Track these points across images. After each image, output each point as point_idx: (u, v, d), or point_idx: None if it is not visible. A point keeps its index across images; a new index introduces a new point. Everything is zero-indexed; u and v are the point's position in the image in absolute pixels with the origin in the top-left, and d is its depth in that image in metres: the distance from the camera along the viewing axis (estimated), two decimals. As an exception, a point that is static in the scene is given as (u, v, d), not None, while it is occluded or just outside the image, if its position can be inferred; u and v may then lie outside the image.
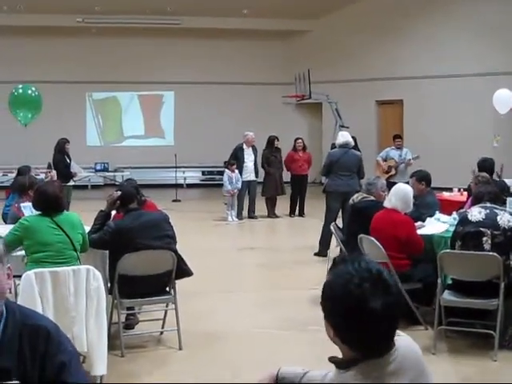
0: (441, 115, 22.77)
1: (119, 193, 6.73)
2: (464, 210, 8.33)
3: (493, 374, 6.11)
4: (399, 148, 15.20)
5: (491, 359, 6.32)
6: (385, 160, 15.04)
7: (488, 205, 6.68)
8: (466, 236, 6.56)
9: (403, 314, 2.26)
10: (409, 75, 23.35)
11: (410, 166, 14.44)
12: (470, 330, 6.76)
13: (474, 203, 6.92)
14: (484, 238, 6.44)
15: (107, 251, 6.57)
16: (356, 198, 8.52)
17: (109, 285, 6.48)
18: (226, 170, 15.96)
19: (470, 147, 19.89)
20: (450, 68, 22.56)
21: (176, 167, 21.47)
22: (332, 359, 2.40)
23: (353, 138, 18.08)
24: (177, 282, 6.76)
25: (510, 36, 21.70)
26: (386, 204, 7.43)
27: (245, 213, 16.27)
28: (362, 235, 7.27)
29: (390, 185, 8.83)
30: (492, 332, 6.39)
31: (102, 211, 6.77)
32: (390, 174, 14.66)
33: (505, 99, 15.06)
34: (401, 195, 7.35)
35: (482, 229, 6.47)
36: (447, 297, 6.61)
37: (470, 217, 6.59)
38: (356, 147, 17.83)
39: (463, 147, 21.14)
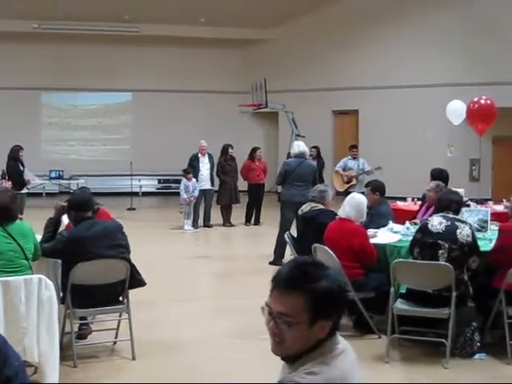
0: (396, 125, 23.01)
1: (67, 199, 6.73)
2: (418, 219, 8.44)
3: (444, 382, 6.17)
4: (355, 158, 15.30)
5: (443, 367, 6.40)
6: (344, 170, 15.13)
7: (450, 215, 6.72)
8: (424, 245, 6.62)
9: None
10: (365, 85, 23.56)
11: (369, 175, 14.53)
12: (423, 338, 6.83)
13: (438, 209, 6.95)
14: (441, 251, 6.51)
15: (60, 260, 6.50)
16: (305, 207, 8.57)
17: (61, 294, 6.40)
18: (183, 178, 15.92)
19: (425, 157, 20.14)
20: (406, 78, 22.82)
21: (132, 175, 21.35)
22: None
23: (316, 147, 18.34)
24: (131, 291, 6.72)
25: (464, 47, 22.04)
26: (340, 213, 7.48)
27: (200, 221, 16.23)
28: (315, 245, 7.30)
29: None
30: (444, 340, 6.47)
31: (51, 218, 6.73)
32: (350, 184, 14.76)
33: (458, 110, 15.25)
34: (354, 205, 7.40)
35: (440, 241, 6.52)
36: (400, 306, 6.67)
37: (430, 226, 6.63)
38: (319, 157, 18.00)
39: (418, 157, 21.37)
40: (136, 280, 6.69)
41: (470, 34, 21.97)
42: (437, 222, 6.64)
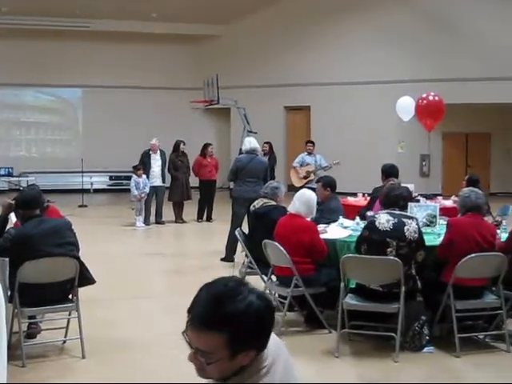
0: (347, 121, 23.17)
1: (15, 196, 6.64)
2: (367, 212, 8.47)
3: (394, 375, 6.23)
4: (310, 153, 15.34)
5: (393, 360, 6.45)
6: (301, 166, 15.18)
7: (397, 212, 6.75)
8: (372, 243, 6.66)
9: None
10: (316, 81, 23.67)
11: (327, 171, 14.60)
12: (373, 332, 6.89)
13: (384, 205, 6.98)
14: (389, 249, 6.56)
15: (7, 259, 6.40)
16: (257, 203, 8.58)
17: (9, 293, 6.31)
18: (133, 175, 15.83)
19: (376, 153, 20.32)
20: (357, 75, 22.99)
21: (82, 172, 21.11)
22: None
23: (268, 143, 18.36)
24: (81, 289, 6.65)
25: (414, 44, 22.26)
26: (290, 209, 7.49)
27: (152, 218, 16.15)
28: (266, 240, 7.31)
29: (313, 190, 8.88)
30: (393, 334, 6.54)
31: (-1, 216, 6.64)
32: (308, 179, 14.82)
33: (407, 107, 15.38)
34: (304, 200, 7.41)
35: (388, 239, 6.56)
36: (350, 301, 6.71)
37: (377, 224, 6.65)
38: (271, 152, 18.02)
39: (369, 153, 21.56)
40: (85, 278, 6.62)
41: (421, 30, 22.22)
42: (384, 220, 6.66)
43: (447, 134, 23.54)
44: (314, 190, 8.90)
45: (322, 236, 7.42)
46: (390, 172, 10.46)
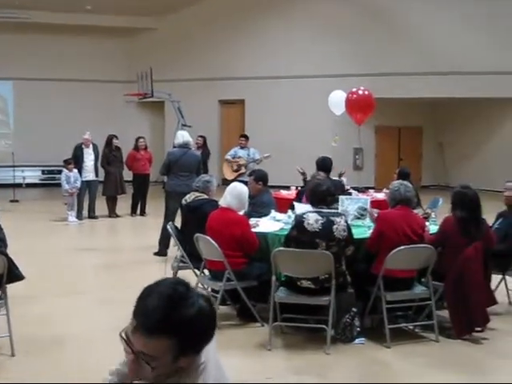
0: (282, 115, 23.28)
1: None
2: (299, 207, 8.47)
3: (325, 367, 6.27)
4: (243, 147, 15.35)
5: (324, 352, 6.50)
6: (234, 159, 15.16)
7: (325, 210, 6.72)
8: (301, 244, 6.62)
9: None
10: (250, 75, 23.71)
11: (259, 164, 14.63)
12: (304, 325, 6.93)
13: (312, 203, 6.97)
14: (319, 250, 6.57)
15: None
16: (189, 197, 8.54)
17: None
18: (64, 169, 15.62)
19: (311, 147, 20.44)
20: (290, 69, 23.12)
21: (14, 166, 20.75)
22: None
23: (202, 136, 18.29)
24: (13, 286, 6.52)
25: (347, 38, 22.47)
26: (222, 203, 7.48)
27: (85, 213, 15.96)
28: (197, 234, 7.28)
29: (245, 183, 8.87)
30: (325, 326, 6.59)
31: None
32: (239, 172, 14.81)
33: (339, 101, 15.48)
34: (236, 194, 7.41)
35: (317, 240, 6.56)
36: (281, 294, 6.74)
37: (306, 225, 6.59)
38: (205, 146, 17.97)
39: (304, 147, 21.69)
40: (14, 274, 6.48)
41: (354, 25, 22.46)
42: (313, 220, 6.60)
43: (380, 127, 23.86)
44: (246, 183, 8.92)
45: (254, 229, 7.43)
46: (322, 165, 10.57)
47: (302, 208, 7.80)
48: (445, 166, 24.83)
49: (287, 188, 12.46)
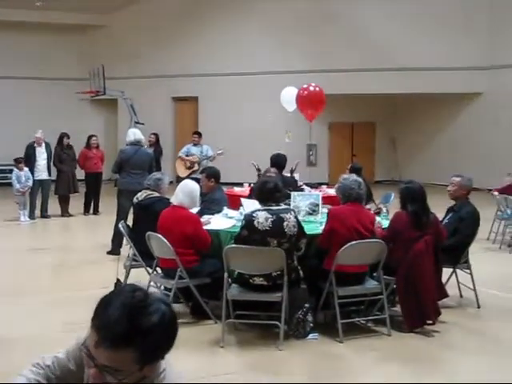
0: (235, 112, 23.29)
1: None
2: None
3: (279, 363, 6.28)
4: (196, 144, 15.31)
5: (277, 349, 6.51)
6: (186, 156, 15.12)
7: (274, 208, 6.68)
8: (252, 243, 6.59)
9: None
10: (204, 72, 23.67)
11: (213, 161, 14.62)
12: (257, 321, 6.94)
13: (260, 201, 6.94)
14: (270, 247, 6.58)
15: None
16: (140, 195, 8.49)
17: None
18: (15, 168, 15.44)
19: (264, 143, 20.48)
20: (244, 65, 23.14)
21: (-37, 166, 20.44)
22: None
23: (155, 134, 18.21)
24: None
25: (299, 35, 22.56)
26: (173, 201, 7.45)
27: (38, 212, 15.79)
28: (149, 233, 7.24)
29: (197, 180, 8.84)
30: (277, 323, 6.60)
31: None
32: (192, 169, 14.77)
33: (291, 97, 15.50)
34: (187, 192, 7.38)
35: (268, 238, 6.55)
36: (234, 291, 6.74)
37: (256, 224, 6.56)
38: (158, 144, 17.90)
39: (257, 143, 21.74)
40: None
41: (306, 22, 22.56)
42: (263, 219, 6.56)
43: (333, 123, 24.01)
44: (199, 180, 8.90)
45: (206, 227, 7.42)
46: (276, 161, 10.64)
47: (249, 204, 7.80)
48: (397, 161, 25.08)
49: (240, 185, 12.46)
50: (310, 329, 6.84)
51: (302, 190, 10.51)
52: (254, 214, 6.66)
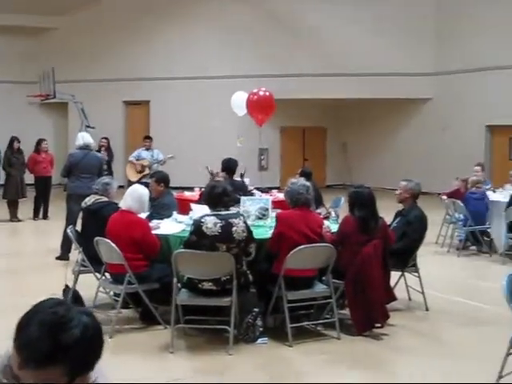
0: (187, 116, 23.26)
1: None
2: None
3: (228, 368, 6.28)
4: (148, 149, 15.25)
5: (227, 353, 6.50)
6: (137, 160, 15.05)
7: (223, 213, 6.68)
8: (201, 249, 6.58)
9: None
10: (155, 76, 23.59)
11: (163, 165, 14.57)
12: (207, 326, 6.93)
13: (209, 205, 6.93)
14: (219, 252, 6.57)
15: None
16: (89, 200, 8.42)
17: None
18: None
19: (217, 147, 20.45)
20: (195, 70, 23.11)
21: None
22: None
23: (106, 138, 18.07)
24: None
25: (253, 41, 22.63)
26: (122, 205, 7.41)
27: (-14, 217, 15.61)
28: (97, 238, 7.18)
29: (146, 185, 8.80)
30: (227, 327, 6.59)
31: None
32: (143, 173, 14.70)
33: (241, 102, 15.50)
34: (136, 196, 7.34)
35: (217, 244, 6.54)
36: (183, 296, 6.72)
37: (204, 229, 6.54)
38: (109, 148, 17.77)
39: (208, 147, 21.72)
40: None
41: (260, 27, 22.63)
42: (211, 224, 6.55)
43: (285, 128, 24.11)
44: (148, 185, 8.87)
45: (155, 232, 7.39)
46: (226, 166, 10.66)
47: (198, 209, 7.79)
48: (348, 166, 25.26)
49: (191, 189, 12.42)
50: (259, 333, 6.84)
51: (253, 194, 10.54)
52: (202, 219, 6.65)
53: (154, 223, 7.71)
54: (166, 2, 23.60)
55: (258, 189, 11.77)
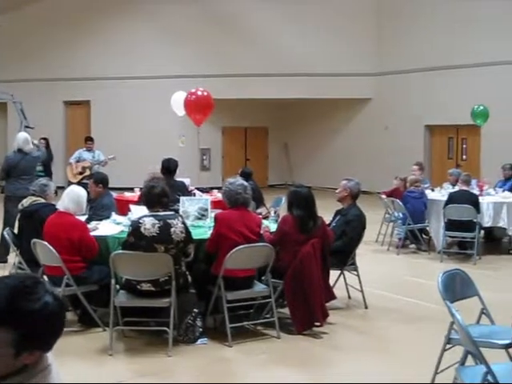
0: (127, 116, 23.11)
1: None
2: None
3: (168, 369, 6.26)
4: (90, 150, 15.09)
5: (167, 355, 6.48)
6: (78, 161, 14.87)
7: (161, 213, 6.64)
8: (140, 250, 6.54)
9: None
10: (96, 76, 23.38)
11: (105, 166, 14.43)
12: (146, 328, 6.91)
13: (147, 206, 6.87)
14: (157, 253, 6.54)
15: None
16: (26, 202, 8.31)
17: None
18: None
19: (157, 148, 20.37)
20: (136, 70, 23.00)
21: None
22: None
23: (45, 139, 17.84)
24: None
25: (195, 41, 22.60)
26: (59, 206, 7.32)
27: None
28: (34, 240, 7.09)
29: (84, 186, 8.72)
30: (166, 328, 6.57)
31: None
32: (84, 175, 14.54)
33: (180, 102, 15.41)
34: (73, 197, 7.26)
35: (155, 245, 6.51)
36: (121, 298, 6.68)
37: (142, 230, 6.51)
38: (48, 148, 17.54)
39: (150, 148, 21.60)
40: None
41: (203, 27, 22.62)
42: (149, 225, 6.52)
43: (226, 128, 24.13)
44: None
45: (93, 233, 7.32)
46: (166, 166, 10.62)
47: (137, 209, 7.75)
48: (290, 166, 25.39)
49: (131, 190, 12.34)
50: (199, 334, 6.84)
51: (193, 194, 10.52)
52: (140, 220, 6.61)
53: (92, 224, 7.65)
54: (105, 2, 23.41)
55: (198, 189, 11.75)
